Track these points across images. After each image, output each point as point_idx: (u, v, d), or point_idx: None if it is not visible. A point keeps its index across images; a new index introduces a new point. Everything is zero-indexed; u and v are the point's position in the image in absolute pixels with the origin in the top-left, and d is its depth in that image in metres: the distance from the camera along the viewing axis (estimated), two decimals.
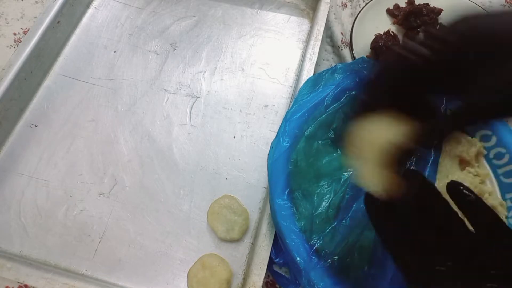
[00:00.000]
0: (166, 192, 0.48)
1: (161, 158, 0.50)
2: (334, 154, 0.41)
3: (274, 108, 0.53)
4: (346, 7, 0.63)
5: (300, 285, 0.38)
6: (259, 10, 0.61)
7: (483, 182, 0.44)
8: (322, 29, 0.54)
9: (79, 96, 0.54)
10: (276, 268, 0.44)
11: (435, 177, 0.36)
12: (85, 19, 0.60)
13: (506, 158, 0.43)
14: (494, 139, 0.44)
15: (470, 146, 0.44)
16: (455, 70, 0.23)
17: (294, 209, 0.39)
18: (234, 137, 0.51)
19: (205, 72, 0.56)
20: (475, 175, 0.43)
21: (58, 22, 0.56)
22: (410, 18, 0.59)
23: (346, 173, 0.40)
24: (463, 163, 0.44)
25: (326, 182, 0.40)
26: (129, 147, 0.51)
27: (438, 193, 0.24)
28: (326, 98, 0.42)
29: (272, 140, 0.43)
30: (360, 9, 0.60)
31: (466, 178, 0.42)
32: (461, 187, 0.24)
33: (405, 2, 0.61)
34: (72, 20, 0.59)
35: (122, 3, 0.62)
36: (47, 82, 0.55)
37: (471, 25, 0.23)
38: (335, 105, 0.42)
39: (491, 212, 0.23)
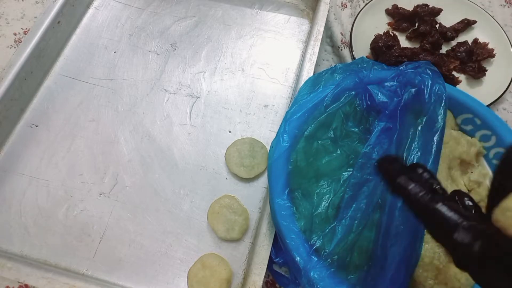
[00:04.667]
0: (166, 192, 0.48)
1: (161, 158, 0.50)
2: (334, 154, 0.42)
3: (274, 108, 0.53)
4: (346, 7, 0.63)
5: (300, 284, 0.38)
6: (259, 11, 0.61)
7: (481, 185, 0.44)
8: (322, 29, 0.54)
9: (80, 96, 0.54)
10: (276, 268, 0.44)
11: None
12: (85, 19, 0.60)
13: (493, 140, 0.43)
14: (493, 139, 0.44)
15: (470, 146, 0.44)
16: None
17: (294, 209, 0.39)
18: (234, 136, 0.51)
19: (205, 72, 0.56)
20: (472, 180, 0.44)
21: (59, 22, 0.56)
22: (403, 24, 0.59)
23: (345, 172, 0.40)
24: (464, 164, 0.44)
25: (325, 182, 0.40)
26: (129, 147, 0.51)
27: None
28: (326, 98, 0.42)
29: (272, 140, 0.43)
30: (359, 9, 0.60)
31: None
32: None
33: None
34: (72, 20, 0.59)
35: (122, 3, 0.62)
36: (48, 82, 0.55)
37: None
38: (335, 105, 0.42)
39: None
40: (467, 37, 0.59)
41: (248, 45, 0.58)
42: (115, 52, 0.58)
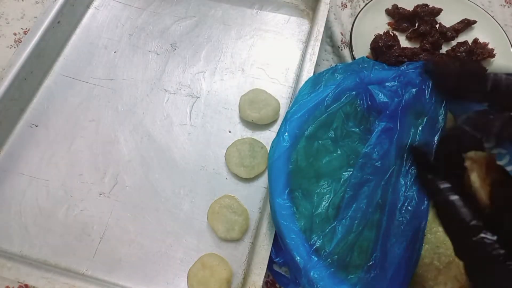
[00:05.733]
0: (166, 192, 0.48)
1: (161, 158, 0.50)
2: (334, 154, 0.42)
3: None
4: (346, 7, 0.63)
5: (300, 284, 0.38)
6: (259, 11, 0.61)
7: None
8: (322, 29, 0.54)
9: (80, 96, 0.54)
10: (276, 268, 0.44)
11: None
12: (85, 19, 0.60)
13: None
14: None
15: None
16: None
17: (294, 209, 0.39)
18: (234, 136, 0.51)
19: (205, 72, 0.56)
20: None
21: (59, 22, 0.56)
22: (403, 24, 0.59)
23: (346, 172, 0.40)
24: None
25: (326, 182, 0.40)
26: (129, 147, 0.51)
27: None
28: (327, 98, 0.42)
29: (272, 140, 0.43)
30: (359, 9, 0.60)
31: None
32: None
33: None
34: (72, 20, 0.59)
35: (122, 3, 0.62)
36: (48, 82, 0.55)
37: None
38: (336, 105, 0.42)
39: None
40: (467, 37, 0.59)
41: (248, 45, 0.58)
42: (115, 52, 0.58)
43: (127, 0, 0.62)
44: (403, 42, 0.59)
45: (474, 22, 0.59)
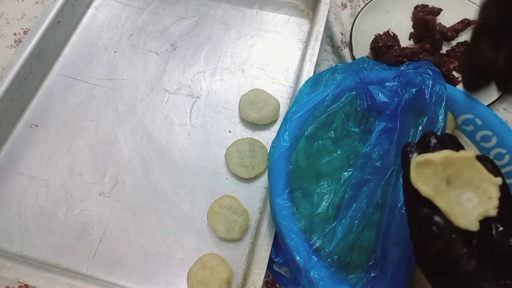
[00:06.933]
0: (166, 192, 0.48)
1: (161, 158, 0.50)
2: (334, 154, 0.42)
3: None
4: (346, 7, 0.63)
5: (300, 284, 0.38)
6: (259, 11, 0.61)
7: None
8: (322, 29, 0.54)
9: (80, 96, 0.54)
10: (276, 268, 0.44)
11: None
12: (85, 19, 0.60)
13: (506, 159, 0.43)
14: (494, 140, 0.44)
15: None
16: None
17: (294, 209, 0.39)
18: (234, 136, 0.51)
19: (205, 72, 0.56)
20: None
21: (59, 22, 0.56)
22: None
23: (346, 172, 0.40)
24: None
25: (326, 182, 0.40)
26: (129, 147, 0.51)
27: None
28: (327, 98, 0.42)
29: (272, 140, 0.43)
30: (359, 9, 0.60)
31: None
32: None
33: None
34: (72, 20, 0.59)
35: (122, 3, 0.62)
36: (48, 82, 0.55)
37: None
38: (336, 105, 0.42)
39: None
40: (467, 37, 0.59)
41: (248, 45, 0.58)
42: (115, 52, 0.58)
43: (127, 0, 0.62)
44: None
45: (474, 22, 0.59)
